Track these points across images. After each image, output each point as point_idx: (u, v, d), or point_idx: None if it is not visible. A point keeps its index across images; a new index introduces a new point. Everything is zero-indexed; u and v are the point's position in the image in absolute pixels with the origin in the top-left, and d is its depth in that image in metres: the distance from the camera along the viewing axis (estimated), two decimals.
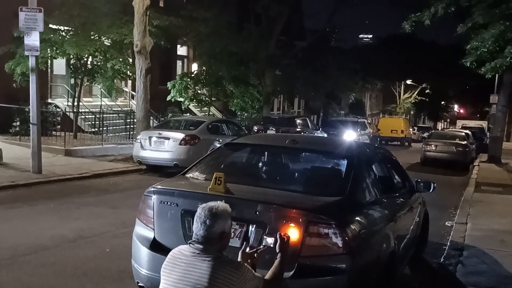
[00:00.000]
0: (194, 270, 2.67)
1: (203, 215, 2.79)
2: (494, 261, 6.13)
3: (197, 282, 2.62)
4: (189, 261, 2.72)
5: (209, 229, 2.76)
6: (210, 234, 2.76)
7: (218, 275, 2.64)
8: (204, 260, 2.69)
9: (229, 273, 2.67)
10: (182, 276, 2.68)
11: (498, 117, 23.35)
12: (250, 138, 7.21)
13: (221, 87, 21.97)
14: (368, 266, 3.69)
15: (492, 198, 11.57)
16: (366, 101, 54.39)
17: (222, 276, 2.64)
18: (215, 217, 2.78)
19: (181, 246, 2.88)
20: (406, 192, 5.50)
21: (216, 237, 2.77)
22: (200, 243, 2.77)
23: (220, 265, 2.69)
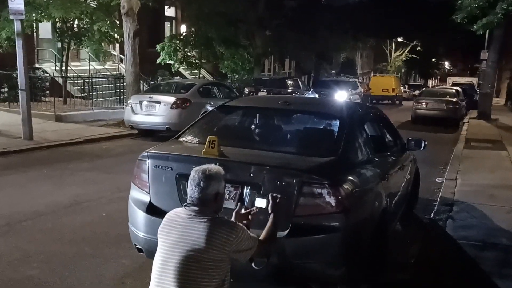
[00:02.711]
0: (191, 231, 2.71)
1: (197, 177, 2.81)
2: (483, 215, 6.28)
3: (194, 243, 2.67)
4: (185, 223, 2.75)
5: (204, 191, 2.79)
6: (204, 196, 2.79)
7: (215, 235, 2.68)
8: (201, 221, 2.73)
9: (225, 233, 2.71)
10: (179, 238, 2.71)
11: (488, 73, 23.39)
12: (242, 100, 7.19)
13: (211, 49, 21.68)
14: (361, 224, 3.76)
15: (481, 154, 11.74)
16: (357, 60, 54.04)
17: (219, 237, 2.69)
18: (209, 179, 2.81)
19: (176, 209, 2.91)
20: (398, 150, 5.56)
21: (211, 198, 2.81)
22: (195, 205, 2.80)
23: (216, 225, 2.73)
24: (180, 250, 2.67)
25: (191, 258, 2.64)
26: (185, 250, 2.66)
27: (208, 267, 2.65)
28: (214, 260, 2.66)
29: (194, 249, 2.65)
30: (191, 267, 2.63)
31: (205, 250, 2.65)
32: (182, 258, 2.64)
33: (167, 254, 2.70)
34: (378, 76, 42.13)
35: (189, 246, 2.67)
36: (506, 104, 34.66)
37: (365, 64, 58.27)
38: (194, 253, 2.64)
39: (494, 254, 4.95)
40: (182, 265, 2.64)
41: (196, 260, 2.64)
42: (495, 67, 23.94)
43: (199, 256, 2.64)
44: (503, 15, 18.27)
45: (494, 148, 12.95)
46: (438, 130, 16.93)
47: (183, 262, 2.64)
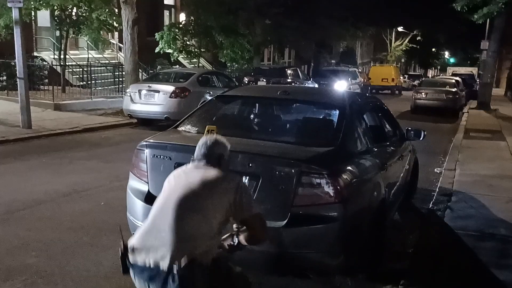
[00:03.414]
0: (195, 175, 2.77)
1: (205, 139, 2.93)
2: (482, 205, 6.29)
3: (196, 186, 2.69)
4: (191, 171, 2.83)
5: (210, 149, 2.87)
6: (210, 153, 2.86)
7: (218, 182, 2.73)
8: (207, 169, 2.81)
9: (228, 181, 2.77)
10: (183, 182, 2.75)
11: (488, 63, 23.31)
12: (241, 90, 7.16)
13: (210, 38, 21.58)
14: (360, 214, 3.77)
15: (480, 144, 11.74)
16: (357, 49, 53.84)
17: (221, 183, 2.74)
18: (217, 141, 2.92)
19: (182, 167, 2.94)
20: (397, 140, 5.56)
21: (216, 156, 2.87)
22: (200, 160, 2.87)
23: (221, 174, 2.79)
24: (182, 191, 2.67)
25: (190, 200, 2.64)
26: (187, 192, 2.66)
27: (206, 213, 2.62)
28: (214, 206, 2.65)
29: (195, 192, 2.66)
30: (190, 209, 2.62)
31: (206, 194, 2.66)
32: (182, 199, 2.64)
33: (169, 194, 2.71)
34: (377, 66, 42.00)
35: (191, 189, 2.68)
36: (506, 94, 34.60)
37: (365, 53, 58.07)
38: (195, 196, 2.66)
39: (492, 244, 4.97)
40: (181, 206, 2.62)
41: (196, 203, 2.64)
42: (496, 57, 23.85)
43: (199, 200, 2.65)
44: (504, 4, 18.16)
45: (493, 138, 12.94)
46: (438, 120, 16.92)
47: (182, 204, 2.62)
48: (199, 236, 2.56)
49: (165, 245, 2.51)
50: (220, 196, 2.68)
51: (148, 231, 2.63)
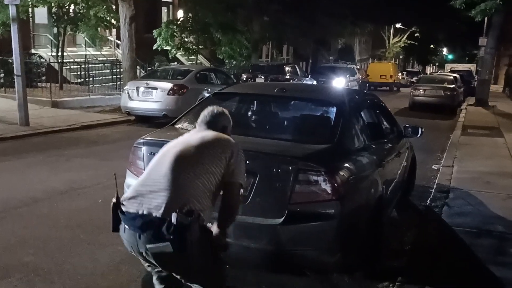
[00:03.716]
0: (195, 135, 2.84)
1: (212, 108, 3.00)
2: (479, 202, 6.30)
3: (194, 145, 2.74)
4: (192, 133, 2.91)
5: (215, 117, 2.94)
6: (215, 120, 2.93)
7: (215, 143, 2.77)
8: (207, 130, 2.89)
9: (225, 145, 2.79)
10: (182, 140, 2.82)
11: (486, 59, 23.32)
12: (239, 87, 7.15)
13: (208, 35, 21.55)
14: (357, 211, 3.77)
15: (478, 141, 11.75)
16: (355, 46, 53.80)
17: (219, 145, 2.77)
18: (223, 112, 3.01)
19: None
20: (394, 137, 5.56)
21: (220, 126, 2.93)
22: (203, 125, 2.94)
23: (220, 136, 2.85)
24: (180, 147, 2.72)
25: (188, 154, 2.67)
26: (185, 147, 2.71)
27: (201, 170, 2.63)
28: (210, 165, 2.66)
29: (194, 147, 2.71)
30: (186, 163, 2.64)
31: (204, 151, 2.70)
32: (180, 153, 2.68)
33: (168, 150, 2.75)
34: (376, 63, 41.96)
35: (190, 145, 2.73)
36: (504, 90, 34.63)
37: (363, 50, 58.03)
38: (193, 151, 2.69)
39: (490, 241, 4.97)
40: (178, 159, 2.65)
41: (193, 158, 2.66)
42: (494, 54, 23.87)
43: (196, 155, 2.67)
44: (502, 1, 18.16)
45: (491, 135, 12.96)
46: (436, 117, 16.93)
47: (180, 157, 2.66)
48: (193, 191, 2.56)
49: (161, 193, 2.52)
50: (217, 156, 2.70)
51: (143, 181, 2.67)
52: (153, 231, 2.44)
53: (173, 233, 2.41)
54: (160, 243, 2.44)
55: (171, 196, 2.50)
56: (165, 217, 2.44)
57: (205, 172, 2.62)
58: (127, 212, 2.56)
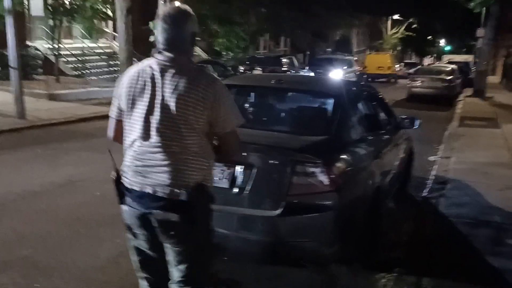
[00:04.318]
0: (166, 85, 2.30)
1: (172, 13, 2.37)
2: (477, 193, 6.32)
3: (168, 100, 2.29)
4: (157, 77, 2.33)
5: (182, 28, 2.36)
6: (182, 35, 2.36)
7: (193, 89, 2.28)
8: (176, 70, 2.32)
9: (204, 86, 2.30)
10: (154, 98, 2.32)
11: (483, 50, 23.29)
12: (235, 79, 7.12)
13: (205, 27, 21.50)
14: (354, 202, 3.78)
15: (475, 132, 11.77)
16: (352, 38, 53.69)
17: (197, 91, 2.28)
18: (186, 14, 2.39)
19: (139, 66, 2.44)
20: (392, 129, 5.55)
21: (189, 39, 2.39)
22: (170, 50, 2.35)
23: (198, 77, 2.33)
24: (158, 113, 2.29)
25: (170, 120, 2.28)
26: (163, 113, 2.28)
27: (189, 131, 2.29)
28: (196, 121, 2.29)
29: (172, 110, 2.27)
30: (172, 130, 2.29)
31: (184, 111, 2.27)
32: (162, 121, 2.28)
33: (146, 114, 2.32)
34: (373, 54, 41.84)
35: (167, 108, 2.29)
36: (502, 82, 34.64)
37: (361, 42, 57.89)
38: (173, 114, 2.27)
39: (487, 231, 4.99)
40: (161, 129, 2.29)
41: (177, 122, 2.28)
42: (491, 45, 23.83)
43: (180, 118, 2.27)
44: None
45: (488, 126, 12.98)
46: (433, 108, 16.94)
47: (163, 125, 2.28)
48: (192, 159, 2.31)
49: (160, 168, 2.29)
50: (199, 109, 2.28)
51: (138, 154, 2.36)
52: (161, 208, 2.31)
53: (182, 209, 2.30)
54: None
55: (172, 171, 2.28)
56: (171, 197, 2.29)
57: (194, 131, 2.30)
58: (132, 189, 2.37)
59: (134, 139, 2.37)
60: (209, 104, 2.29)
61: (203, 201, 2.39)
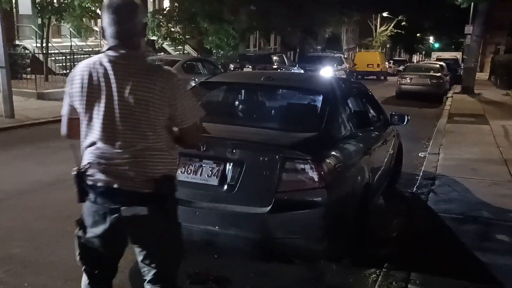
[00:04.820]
0: (121, 82, 2.23)
1: (122, 5, 2.25)
2: (465, 189, 6.37)
3: (125, 98, 2.22)
4: (110, 73, 2.25)
5: (134, 21, 2.27)
6: (135, 27, 2.28)
7: (151, 83, 2.23)
8: (129, 64, 2.26)
9: (163, 80, 2.25)
10: (111, 96, 2.24)
11: (472, 47, 23.47)
12: (225, 76, 7.13)
13: (195, 24, 21.42)
14: (344, 199, 3.80)
15: (464, 128, 11.86)
16: (342, 35, 53.82)
17: (154, 84, 2.23)
18: (136, 5, 2.30)
19: (89, 63, 2.31)
20: (381, 125, 5.59)
21: (140, 31, 2.33)
22: (123, 44, 2.26)
23: (152, 71, 2.27)
24: (118, 111, 2.24)
25: (129, 118, 2.23)
26: (121, 110, 2.24)
27: (150, 127, 2.25)
28: (156, 116, 2.24)
29: (131, 109, 2.23)
30: (132, 128, 2.25)
31: (143, 108, 2.22)
32: (121, 119, 2.23)
33: (106, 112, 2.25)
34: (363, 52, 42.05)
35: (124, 106, 2.23)
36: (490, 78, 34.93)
37: (350, 39, 58.10)
38: (132, 112, 2.22)
39: (475, 227, 5.04)
40: (120, 126, 2.24)
41: (136, 120, 2.24)
42: (479, 41, 24.03)
43: (140, 115, 2.22)
44: None
45: (476, 122, 13.09)
46: (422, 105, 17.03)
47: (122, 123, 2.24)
48: (155, 152, 2.29)
49: (127, 165, 2.25)
50: (158, 105, 2.23)
51: (100, 149, 2.31)
52: (129, 202, 2.26)
53: (150, 201, 2.28)
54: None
55: (137, 166, 2.25)
56: (139, 190, 2.26)
57: (155, 127, 2.27)
58: (97, 186, 2.31)
59: (95, 139, 2.32)
60: (168, 100, 2.25)
61: (170, 192, 2.38)
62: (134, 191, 2.27)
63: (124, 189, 2.27)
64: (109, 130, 2.27)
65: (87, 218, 2.44)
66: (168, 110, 2.27)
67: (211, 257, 4.12)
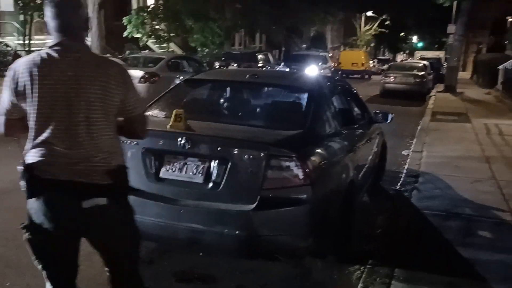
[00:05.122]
0: (69, 74, 2.22)
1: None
2: (448, 185, 6.45)
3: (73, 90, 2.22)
4: (62, 72, 2.22)
5: (77, 14, 2.31)
6: (79, 20, 2.31)
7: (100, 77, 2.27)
8: (75, 58, 2.26)
9: (115, 73, 2.32)
10: (57, 88, 2.22)
11: (454, 46, 23.73)
12: (210, 73, 7.11)
13: (180, 22, 21.31)
14: (329, 196, 3.81)
15: (447, 126, 12.00)
16: (327, 34, 54.03)
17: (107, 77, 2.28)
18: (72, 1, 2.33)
19: (32, 59, 2.29)
20: (365, 123, 5.62)
21: (84, 24, 2.36)
22: (69, 37, 2.27)
23: (103, 64, 2.31)
24: (63, 102, 2.23)
25: (80, 110, 2.23)
26: (69, 103, 2.23)
27: (99, 115, 2.27)
28: (105, 106, 2.28)
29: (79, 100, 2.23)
30: (82, 119, 2.25)
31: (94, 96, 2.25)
32: (70, 110, 2.23)
33: (51, 104, 2.23)
34: (347, 51, 42.23)
35: (72, 99, 2.23)
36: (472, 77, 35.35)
37: (335, 38, 58.31)
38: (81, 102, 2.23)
39: (458, 223, 5.10)
40: (70, 118, 2.24)
41: (87, 110, 2.24)
42: (462, 40, 24.30)
43: (89, 106, 2.24)
44: None
45: (459, 120, 13.25)
46: (406, 104, 17.19)
47: (71, 115, 2.23)
48: (108, 142, 2.32)
49: (84, 157, 2.25)
50: (111, 96, 2.28)
51: (55, 146, 2.27)
52: (89, 194, 2.27)
53: (109, 192, 2.31)
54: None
55: (94, 158, 2.26)
56: (98, 181, 2.27)
57: (108, 117, 2.31)
58: (53, 180, 2.26)
59: (48, 134, 2.27)
60: (121, 90, 2.31)
61: (126, 181, 2.43)
62: (93, 183, 2.27)
63: (83, 182, 2.26)
64: (63, 124, 2.25)
65: (38, 215, 2.33)
66: (122, 99, 2.32)
67: (196, 255, 4.10)
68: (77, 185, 2.26)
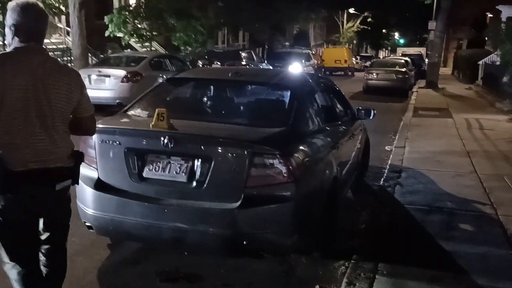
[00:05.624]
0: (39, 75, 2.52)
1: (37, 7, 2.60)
2: (430, 180, 6.52)
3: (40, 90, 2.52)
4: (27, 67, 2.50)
5: (45, 22, 2.64)
6: (45, 28, 2.63)
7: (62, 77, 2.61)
8: (43, 61, 2.57)
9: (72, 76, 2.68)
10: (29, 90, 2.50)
11: (436, 43, 24.01)
12: (192, 72, 7.09)
13: (162, 21, 21.14)
14: (313, 192, 3.83)
15: (429, 122, 12.14)
16: (310, 31, 54.20)
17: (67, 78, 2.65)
18: (41, 10, 2.64)
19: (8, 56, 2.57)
20: (348, 120, 5.65)
21: (46, 31, 2.68)
22: (36, 40, 2.58)
23: (63, 68, 2.68)
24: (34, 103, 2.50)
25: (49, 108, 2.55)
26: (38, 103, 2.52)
27: (61, 113, 2.62)
28: (66, 105, 2.63)
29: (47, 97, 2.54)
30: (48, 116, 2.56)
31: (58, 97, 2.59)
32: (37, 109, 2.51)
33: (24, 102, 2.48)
34: (330, 48, 42.40)
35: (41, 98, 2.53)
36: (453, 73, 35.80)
37: (318, 35, 58.57)
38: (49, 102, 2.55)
39: (440, 217, 5.17)
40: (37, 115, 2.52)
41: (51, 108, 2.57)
42: (443, 37, 24.61)
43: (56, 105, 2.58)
44: None
45: (441, 116, 13.42)
46: (388, 100, 17.32)
47: (37, 112, 2.52)
48: (66, 134, 2.69)
49: (52, 147, 2.58)
50: (70, 97, 2.64)
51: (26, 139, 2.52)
52: (61, 177, 2.67)
53: (72, 174, 2.74)
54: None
55: (59, 146, 2.62)
56: (65, 165, 2.65)
57: (67, 115, 2.69)
58: (28, 170, 2.50)
59: (17, 130, 2.48)
60: (78, 94, 2.69)
61: (79, 165, 2.84)
62: (62, 167, 2.64)
63: (57, 166, 2.62)
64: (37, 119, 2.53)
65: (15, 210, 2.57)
66: (78, 100, 2.70)
67: (181, 254, 4.10)
68: (50, 170, 2.59)
